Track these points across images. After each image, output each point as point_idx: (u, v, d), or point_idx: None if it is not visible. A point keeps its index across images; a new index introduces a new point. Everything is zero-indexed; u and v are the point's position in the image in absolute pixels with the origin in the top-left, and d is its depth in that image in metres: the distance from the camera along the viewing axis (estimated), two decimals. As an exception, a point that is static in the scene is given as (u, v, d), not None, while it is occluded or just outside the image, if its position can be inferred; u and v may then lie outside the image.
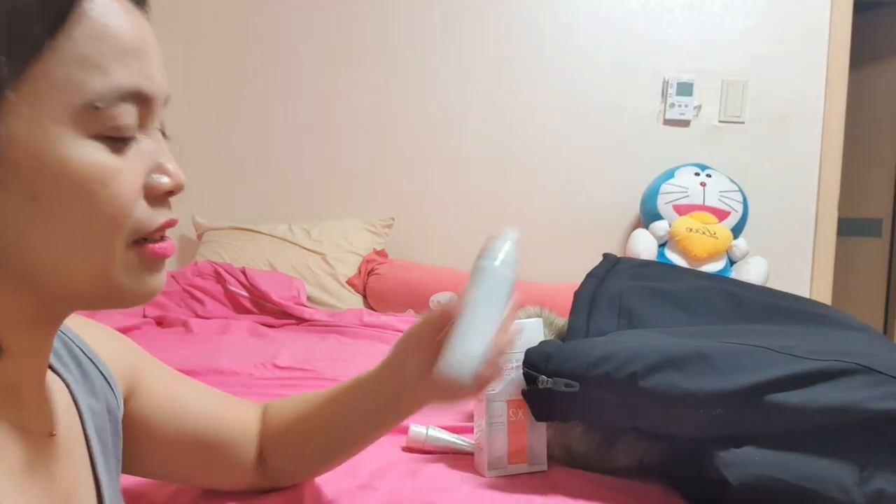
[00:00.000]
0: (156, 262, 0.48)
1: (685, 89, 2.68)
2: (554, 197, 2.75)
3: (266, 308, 2.24)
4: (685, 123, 2.71)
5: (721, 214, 2.50)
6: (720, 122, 2.70)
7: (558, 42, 2.73)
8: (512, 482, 1.06)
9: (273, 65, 2.80)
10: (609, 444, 1.07)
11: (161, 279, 0.49)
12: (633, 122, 2.72)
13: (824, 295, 2.67)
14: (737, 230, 2.51)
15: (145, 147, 0.46)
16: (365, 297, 2.50)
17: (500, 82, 2.75)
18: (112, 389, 0.62)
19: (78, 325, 0.62)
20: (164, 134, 0.49)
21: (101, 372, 0.61)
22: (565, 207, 2.76)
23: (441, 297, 2.39)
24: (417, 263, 2.60)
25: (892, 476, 0.89)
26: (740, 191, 2.56)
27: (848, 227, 3.22)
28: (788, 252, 2.68)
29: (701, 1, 2.68)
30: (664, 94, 2.70)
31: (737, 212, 2.52)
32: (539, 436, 1.10)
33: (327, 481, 1.01)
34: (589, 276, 1.35)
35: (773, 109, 2.68)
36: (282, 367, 1.67)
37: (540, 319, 1.16)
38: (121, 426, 0.63)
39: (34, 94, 0.40)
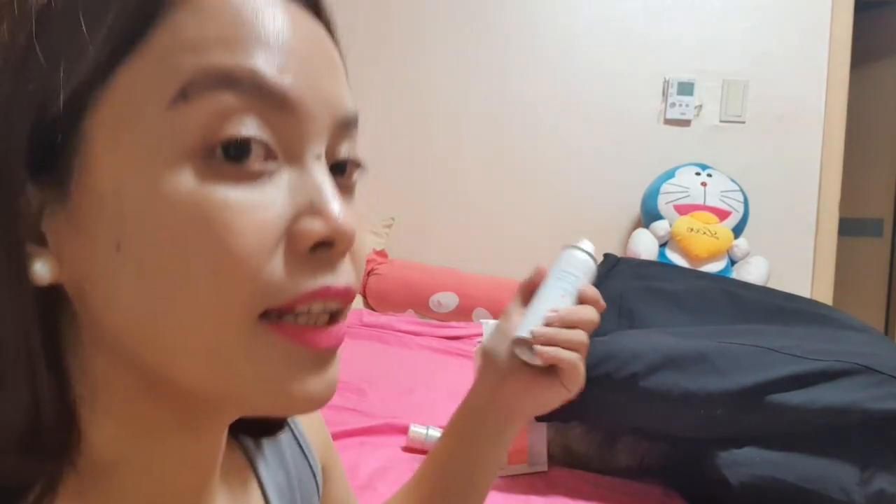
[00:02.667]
0: (307, 352, 0.32)
1: (686, 89, 2.68)
2: (554, 197, 2.75)
3: (266, 308, 2.24)
4: (686, 123, 2.71)
5: (722, 214, 2.50)
6: (721, 121, 2.70)
7: (558, 42, 2.73)
8: (512, 482, 1.06)
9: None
10: (609, 444, 1.07)
11: (326, 381, 0.33)
12: (633, 122, 2.72)
13: (825, 295, 2.67)
14: (737, 230, 2.51)
15: (293, 181, 0.31)
16: (365, 297, 2.49)
17: (500, 82, 2.75)
18: (312, 469, 0.50)
19: None
20: (347, 168, 0.35)
21: (299, 444, 0.49)
22: (565, 207, 2.75)
23: (442, 298, 2.39)
24: (417, 263, 2.60)
25: (892, 476, 0.89)
26: (741, 191, 2.56)
27: (849, 227, 3.22)
28: (789, 252, 2.68)
29: (701, 1, 2.68)
30: (665, 94, 2.69)
31: (737, 212, 2.52)
32: (539, 436, 1.09)
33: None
34: (589, 275, 1.35)
35: (773, 109, 2.68)
36: (282, 367, 1.67)
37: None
38: None
39: (118, 104, 0.29)
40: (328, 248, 0.31)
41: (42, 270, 0.30)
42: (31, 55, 0.29)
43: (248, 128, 0.30)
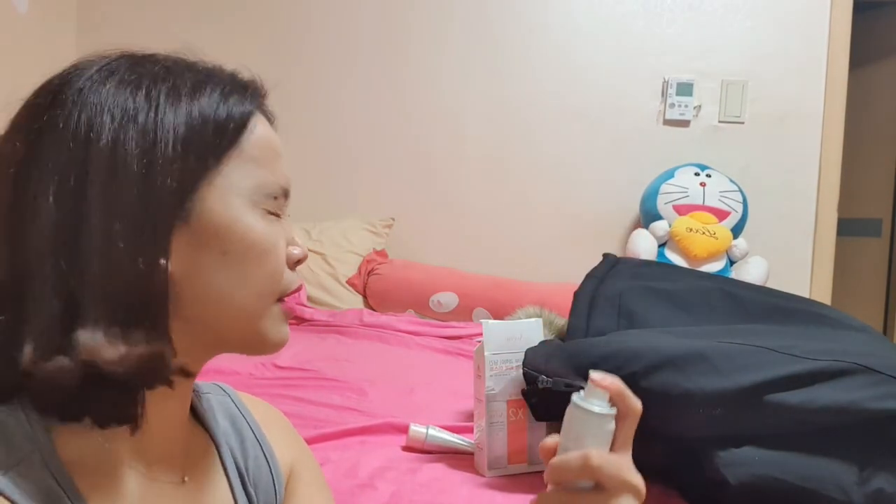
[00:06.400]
0: (288, 315, 0.59)
1: (685, 89, 2.68)
2: (554, 197, 2.75)
3: (266, 308, 2.24)
4: (685, 123, 2.71)
5: (721, 214, 2.50)
6: (720, 122, 2.70)
7: (558, 42, 2.74)
8: (512, 482, 1.07)
9: (273, 66, 2.80)
10: (609, 443, 1.07)
11: (288, 329, 0.59)
12: (632, 122, 2.72)
13: (824, 295, 2.67)
14: (736, 230, 2.52)
15: (285, 225, 0.59)
16: (365, 297, 2.50)
17: (499, 82, 2.76)
18: (273, 475, 0.67)
19: (251, 403, 0.70)
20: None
21: (263, 453, 0.66)
22: (565, 208, 2.76)
23: (442, 298, 2.39)
24: (417, 263, 2.60)
25: (891, 476, 0.90)
26: (740, 191, 2.56)
27: (847, 227, 3.22)
28: (788, 252, 2.68)
29: (700, 1, 2.68)
30: (664, 94, 2.70)
31: (736, 212, 2.52)
32: (539, 436, 1.10)
33: (328, 481, 1.01)
34: (589, 276, 1.35)
35: (772, 109, 2.68)
36: (282, 367, 1.67)
37: (540, 319, 1.16)
38: None
39: (226, 180, 0.54)
40: (298, 263, 0.60)
41: (167, 265, 0.51)
42: (182, 155, 0.52)
43: (284, 204, 0.59)
